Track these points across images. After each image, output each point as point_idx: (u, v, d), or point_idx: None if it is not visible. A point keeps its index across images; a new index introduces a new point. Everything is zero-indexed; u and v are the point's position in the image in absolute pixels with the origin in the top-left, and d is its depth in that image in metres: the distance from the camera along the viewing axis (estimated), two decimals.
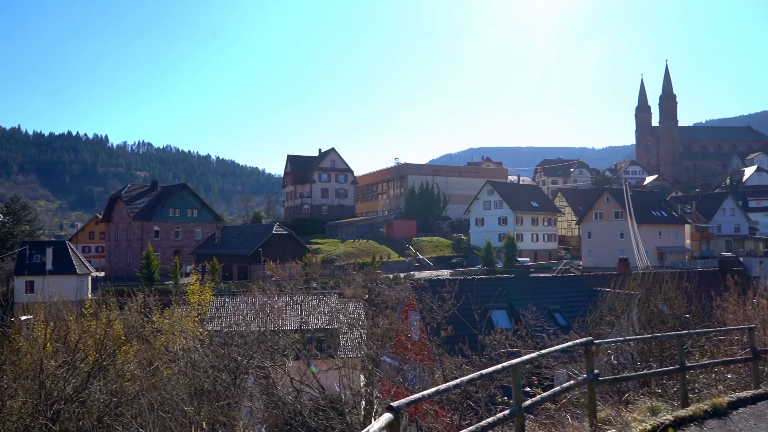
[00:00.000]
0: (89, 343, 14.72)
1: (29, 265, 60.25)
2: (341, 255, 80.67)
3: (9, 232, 78.24)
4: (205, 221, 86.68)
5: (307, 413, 15.88)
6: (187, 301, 20.47)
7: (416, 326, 24.80)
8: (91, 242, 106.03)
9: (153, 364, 16.58)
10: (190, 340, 17.06)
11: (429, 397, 6.24)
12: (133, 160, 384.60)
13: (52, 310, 17.96)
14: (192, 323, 18.55)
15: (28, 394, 12.49)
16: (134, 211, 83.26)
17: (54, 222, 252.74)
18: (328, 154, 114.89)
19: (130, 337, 16.12)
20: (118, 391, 14.01)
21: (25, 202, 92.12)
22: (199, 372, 15.17)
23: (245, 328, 18.57)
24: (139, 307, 18.00)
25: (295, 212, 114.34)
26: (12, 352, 15.18)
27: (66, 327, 15.93)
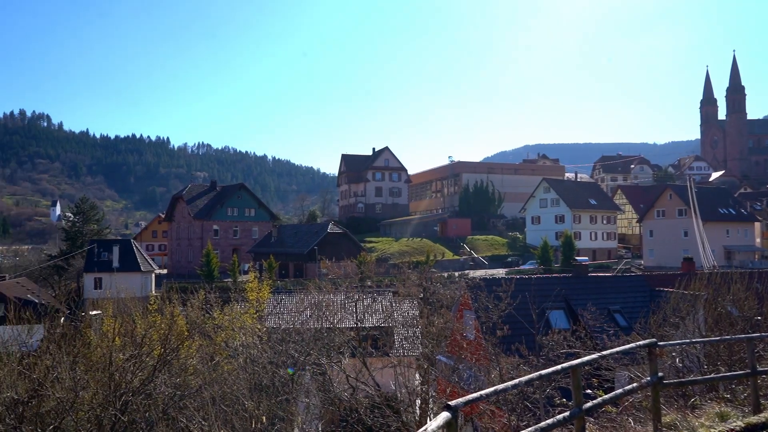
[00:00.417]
0: (154, 337, 15.27)
1: (97, 262, 62.98)
2: (395, 253, 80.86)
3: (79, 231, 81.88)
4: (262, 220, 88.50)
5: (363, 410, 16.01)
6: (246, 298, 20.96)
7: (471, 325, 24.63)
8: (154, 241, 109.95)
9: (214, 359, 17.07)
10: (249, 337, 17.47)
11: (487, 397, 6.19)
12: (193, 161, 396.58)
13: (120, 306, 18.72)
14: (251, 320, 18.99)
15: (98, 386, 13.06)
16: (194, 210, 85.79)
17: (120, 221, 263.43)
18: (381, 153, 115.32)
19: (193, 332, 16.64)
20: (181, 385, 14.49)
21: (93, 203, 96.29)
22: (258, 367, 15.52)
23: (302, 326, 18.89)
24: (200, 304, 18.57)
25: (350, 211, 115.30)
26: (84, 345, 15.91)
27: (133, 322, 16.59)
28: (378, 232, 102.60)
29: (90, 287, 61.46)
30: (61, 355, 13.21)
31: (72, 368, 13.81)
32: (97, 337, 18.19)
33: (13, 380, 12.71)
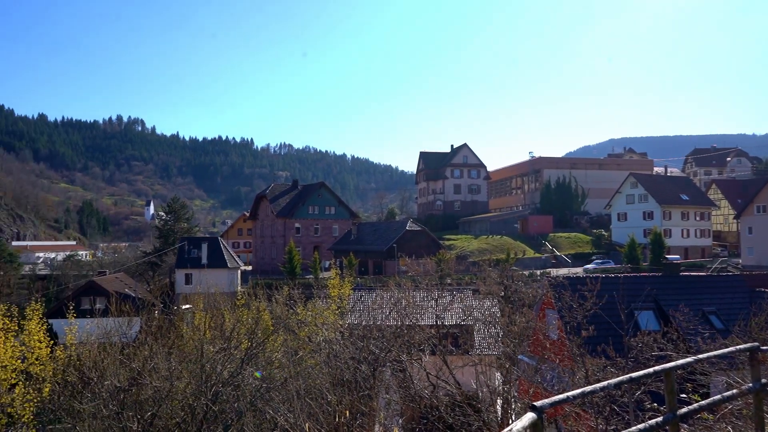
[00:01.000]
0: (242, 331, 15.89)
1: (187, 259, 66.10)
2: (475, 251, 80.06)
3: (170, 229, 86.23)
4: (341, 218, 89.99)
5: (444, 408, 15.97)
6: (328, 294, 21.38)
7: (554, 325, 24.02)
8: (239, 238, 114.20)
9: (298, 353, 17.53)
10: (332, 332, 17.80)
11: (573, 398, 6.02)
12: (275, 160, 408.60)
13: (210, 301, 19.58)
14: (333, 316, 19.35)
15: (191, 376, 13.72)
16: (277, 209, 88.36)
17: (208, 220, 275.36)
18: (460, 150, 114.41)
19: (277, 327, 17.17)
20: (267, 377, 14.99)
21: (183, 202, 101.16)
22: (340, 363, 15.79)
23: (382, 322, 19.05)
24: (284, 300, 19.12)
25: (428, 208, 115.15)
26: (177, 337, 16.76)
27: (222, 316, 17.31)
28: (457, 229, 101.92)
29: (181, 282, 64.61)
30: (157, 347, 14.00)
31: (167, 359, 14.61)
32: (189, 330, 19.12)
33: (116, 369, 13.58)
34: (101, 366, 14.17)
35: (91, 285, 60.25)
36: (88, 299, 56.28)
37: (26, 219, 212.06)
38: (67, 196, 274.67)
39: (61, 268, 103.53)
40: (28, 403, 12.92)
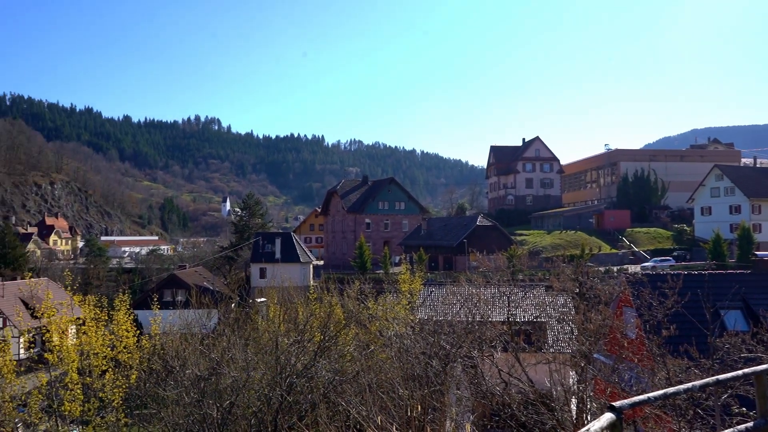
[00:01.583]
0: (315, 325, 16.20)
1: (262, 253, 68.02)
2: (548, 246, 78.29)
3: (246, 225, 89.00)
4: (411, 213, 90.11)
5: (516, 406, 15.72)
6: (399, 289, 21.47)
7: (633, 323, 23.16)
8: (311, 233, 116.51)
9: (369, 347, 17.72)
10: (402, 327, 17.88)
11: (654, 400, 5.80)
12: (345, 157, 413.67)
13: (284, 294, 20.08)
14: (403, 311, 19.43)
15: (267, 367, 14.14)
16: (348, 204, 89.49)
17: (281, 215, 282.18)
18: (532, 143, 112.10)
19: (349, 321, 17.41)
20: (339, 370, 15.23)
21: (257, 198, 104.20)
22: (411, 357, 15.84)
23: (453, 318, 18.96)
24: (355, 294, 19.36)
25: (499, 203, 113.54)
26: (253, 329, 17.30)
27: (295, 310, 17.71)
28: (529, 224, 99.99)
29: (256, 276, 66.58)
30: (235, 338, 14.51)
31: (244, 350, 15.12)
32: (264, 322, 19.69)
33: (196, 358, 14.17)
34: (183, 355, 14.84)
35: (172, 278, 63.18)
36: (170, 291, 59.10)
37: (113, 215, 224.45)
38: (149, 193, 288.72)
39: (144, 261, 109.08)
40: (117, 389, 13.70)
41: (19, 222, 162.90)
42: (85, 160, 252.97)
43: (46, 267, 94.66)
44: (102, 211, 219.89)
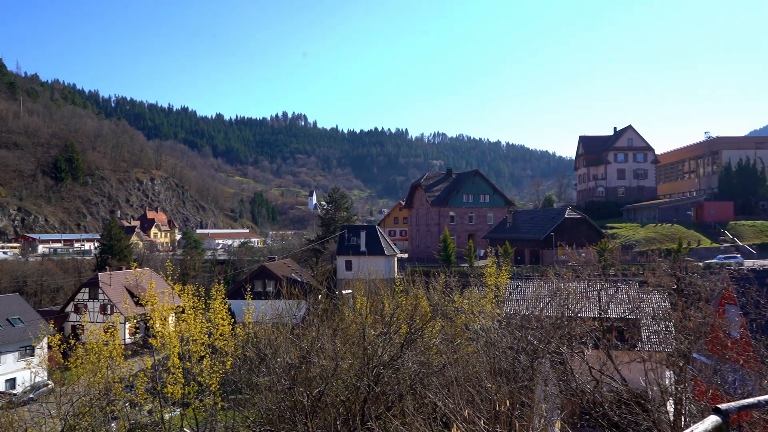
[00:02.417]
0: (401, 317, 16.33)
1: (347, 246, 69.16)
2: (641, 240, 74.87)
3: (332, 218, 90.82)
4: (496, 206, 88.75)
5: (608, 405, 15.19)
6: (485, 283, 21.24)
7: (737, 322, 21.77)
8: (395, 226, 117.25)
9: (455, 340, 17.66)
10: (488, 321, 17.70)
11: (766, 404, 5.43)
12: (429, 150, 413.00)
13: (370, 286, 20.35)
14: (490, 304, 19.21)
15: (354, 358, 14.41)
16: (432, 197, 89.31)
17: (365, 208, 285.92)
18: (624, 132, 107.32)
19: (435, 314, 17.42)
20: (425, 362, 15.28)
21: (343, 192, 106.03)
22: (498, 352, 15.65)
23: (541, 313, 18.54)
24: (441, 287, 19.34)
25: (589, 195, 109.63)
26: (341, 320, 17.67)
27: (381, 302, 17.92)
28: (620, 217, 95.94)
29: (342, 268, 67.83)
30: (323, 328, 14.87)
31: (332, 340, 15.48)
32: (350, 314, 20.07)
33: (287, 347, 14.66)
34: (275, 344, 15.39)
35: (262, 269, 65.56)
36: (261, 282, 61.38)
37: (207, 209, 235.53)
38: (240, 188, 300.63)
39: (236, 253, 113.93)
40: (214, 374, 14.39)
41: (123, 216, 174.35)
42: (182, 156, 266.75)
43: (148, 258, 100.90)
44: (197, 205, 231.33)
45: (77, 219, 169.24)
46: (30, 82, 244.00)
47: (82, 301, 66.24)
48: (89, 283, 67.62)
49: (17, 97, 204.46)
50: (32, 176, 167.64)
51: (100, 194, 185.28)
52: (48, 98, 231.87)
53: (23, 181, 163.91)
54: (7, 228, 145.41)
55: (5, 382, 50.45)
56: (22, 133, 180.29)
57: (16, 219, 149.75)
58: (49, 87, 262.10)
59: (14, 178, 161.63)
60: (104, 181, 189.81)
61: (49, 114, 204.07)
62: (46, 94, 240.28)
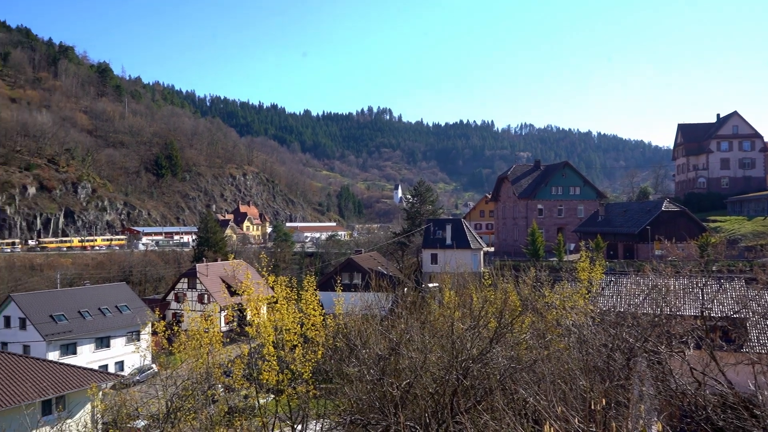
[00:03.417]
0: (489, 311, 16.15)
1: (433, 239, 69.16)
2: (748, 234, 70.06)
3: (417, 211, 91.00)
4: (587, 198, 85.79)
5: (711, 408, 14.36)
6: (577, 277, 20.62)
7: None
8: (481, 220, 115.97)
9: (545, 336, 17.26)
10: (581, 317, 17.18)
11: None
12: (516, 141, 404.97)
13: (458, 280, 20.26)
14: (582, 300, 18.64)
15: (443, 351, 14.42)
16: (519, 190, 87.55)
17: (450, 202, 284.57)
18: (728, 119, 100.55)
19: (525, 309, 17.11)
20: (515, 358, 15.05)
21: (428, 185, 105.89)
22: (592, 349, 15.16)
23: (637, 310, 17.78)
24: (531, 281, 18.96)
25: (688, 186, 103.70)
26: (429, 313, 17.71)
27: (470, 296, 17.79)
28: (724, 209, 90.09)
29: (428, 262, 67.93)
30: (412, 321, 14.95)
31: (420, 333, 15.56)
32: (437, 307, 20.07)
33: (376, 339, 14.87)
34: (364, 335, 15.67)
35: (349, 262, 66.79)
36: (348, 274, 62.56)
37: (296, 203, 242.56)
38: (328, 182, 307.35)
39: (324, 246, 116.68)
40: (307, 363, 14.83)
41: (218, 210, 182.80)
42: (272, 152, 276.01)
43: (240, 250, 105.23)
44: (287, 199, 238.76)
45: (176, 213, 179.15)
46: (134, 84, 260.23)
47: (181, 291, 70.16)
48: (188, 274, 71.50)
49: (122, 98, 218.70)
50: (136, 173, 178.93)
51: (197, 189, 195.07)
52: (150, 99, 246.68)
53: (128, 177, 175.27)
54: (114, 221, 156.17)
55: (115, 365, 54.30)
56: (127, 132, 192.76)
57: (122, 213, 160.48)
58: (150, 88, 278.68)
59: (120, 175, 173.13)
60: (200, 176, 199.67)
61: (150, 114, 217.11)
62: (148, 95, 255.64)
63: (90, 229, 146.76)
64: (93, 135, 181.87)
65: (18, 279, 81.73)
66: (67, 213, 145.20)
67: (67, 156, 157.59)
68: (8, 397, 28.43)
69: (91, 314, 54.87)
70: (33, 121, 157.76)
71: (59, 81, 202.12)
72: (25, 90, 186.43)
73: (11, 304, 52.39)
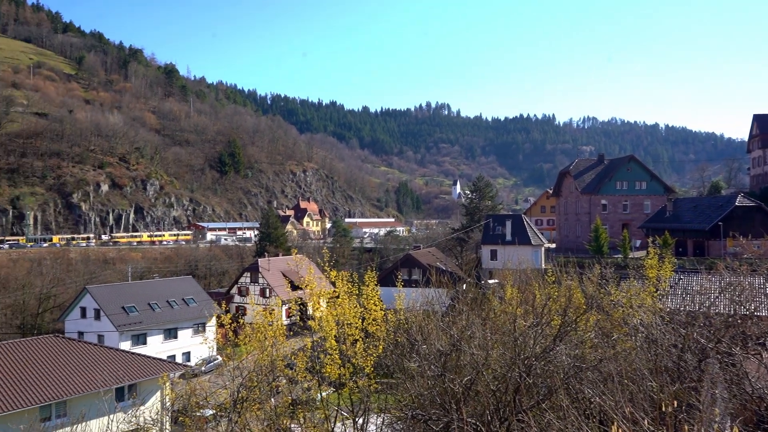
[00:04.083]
0: (553, 308, 15.85)
1: (492, 235, 68.42)
2: None
3: (476, 207, 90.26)
4: (654, 193, 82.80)
5: None
6: (644, 275, 19.96)
7: None
8: (542, 216, 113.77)
9: (611, 335, 16.80)
10: (649, 316, 16.62)
11: None
12: (578, 135, 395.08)
13: (521, 276, 19.98)
14: (650, 298, 18.04)
15: (504, 348, 14.26)
16: (581, 185, 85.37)
17: (510, 197, 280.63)
18: None
19: (590, 306, 16.70)
20: (580, 357, 14.71)
21: (487, 180, 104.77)
22: (661, 349, 14.65)
23: (710, 309, 17.06)
24: (596, 279, 18.49)
25: (764, 181, 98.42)
26: (490, 310, 17.53)
27: (532, 292, 17.51)
28: None
29: (487, 258, 67.27)
30: (473, 317, 14.85)
31: (482, 329, 15.43)
32: (498, 303, 19.85)
33: (437, 334, 14.86)
34: (425, 330, 15.68)
35: (408, 258, 66.89)
36: (406, 270, 62.67)
37: (355, 199, 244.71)
38: (386, 178, 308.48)
39: (382, 242, 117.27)
40: (368, 357, 14.98)
41: (279, 206, 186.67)
42: (331, 149, 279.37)
43: (301, 245, 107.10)
44: (345, 195, 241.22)
45: (239, 209, 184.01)
46: (198, 84, 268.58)
47: (244, 285, 72.07)
48: (250, 268, 73.37)
49: (188, 98, 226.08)
50: (201, 170, 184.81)
51: (259, 186, 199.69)
52: (213, 98, 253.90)
53: (194, 174, 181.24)
54: (181, 217, 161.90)
55: (182, 355, 56.37)
56: (192, 131, 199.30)
57: (188, 209, 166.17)
58: (214, 88, 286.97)
59: (186, 173, 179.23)
60: (262, 173, 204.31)
61: (214, 113, 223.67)
62: (212, 94, 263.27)
63: (158, 224, 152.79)
64: (160, 134, 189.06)
65: (92, 272, 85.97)
66: (137, 209, 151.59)
67: (136, 154, 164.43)
68: (88, 383, 30.04)
69: (159, 306, 57.13)
70: (105, 122, 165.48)
71: (129, 83, 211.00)
72: (98, 92, 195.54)
73: (87, 295, 55.17)
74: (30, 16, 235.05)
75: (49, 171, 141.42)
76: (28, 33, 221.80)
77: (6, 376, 29.10)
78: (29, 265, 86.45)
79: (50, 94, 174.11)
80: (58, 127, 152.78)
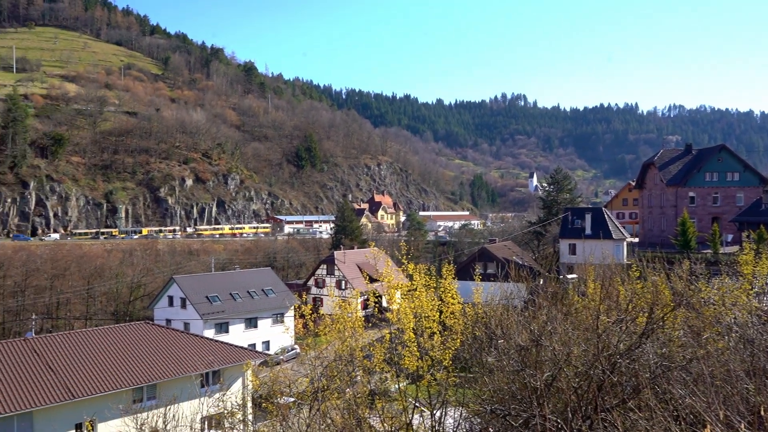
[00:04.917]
0: (638, 305, 15.28)
1: (571, 229, 66.54)
2: None
3: (554, 200, 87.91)
4: (748, 185, 77.91)
5: None
6: (738, 271, 18.87)
7: None
8: (624, 209, 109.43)
9: (701, 334, 16.01)
10: (744, 314, 15.72)
11: None
12: (663, 124, 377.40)
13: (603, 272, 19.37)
14: (745, 296, 17.05)
15: (587, 344, 13.88)
16: (667, 176, 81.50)
17: (590, 190, 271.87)
18: None
19: (678, 304, 15.97)
20: (667, 355, 14.11)
21: (565, 173, 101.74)
22: (758, 350, 13.84)
23: None
24: (685, 275, 17.66)
25: None
26: (570, 305, 17.11)
27: (616, 288, 16.94)
28: None
29: (565, 252, 65.52)
30: (554, 312, 14.53)
31: (563, 325, 15.09)
32: (579, 298, 19.32)
33: (517, 329, 14.66)
34: (504, 325, 15.50)
35: (483, 251, 66.17)
36: (482, 264, 62.02)
37: (429, 192, 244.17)
38: (460, 170, 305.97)
39: (457, 235, 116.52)
40: (447, 350, 14.98)
41: (354, 199, 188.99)
42: (405, 142, 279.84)
43: (375, 238, 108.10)
44: (419, 189, 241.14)
45: (315, 202, 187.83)
46: (275, 81, 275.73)
47: (320, 276, 73.58)
48: (326, 260, 74.80)
49: (266, 95, 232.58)
50: (279, 165, 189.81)
51: (334, 179, 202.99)
52: (290, 94, 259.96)
53: (272, 169, 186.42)
54: (260, 210, 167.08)
55: (262, 344, 58.29)
56: (270, 126, 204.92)
57: (267, 202, 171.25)
58: (291, 84, 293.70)
59: (265, 167, 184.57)
60: (337, 167, 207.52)
61: (291, 108, 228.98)
62: (289, 90, 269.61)
63: (238, 217, 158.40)
64: (240, 130, 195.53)
65: (178, 263, 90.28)
66: (219, 203, 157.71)
67: (218, 150, 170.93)
68: (177, 368, 31.67)
69: (240, 296, 59.27)
70: (189, 119, 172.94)
71: (211, 81, 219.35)
72: (183, 90, 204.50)
73: (174, 285, 57.99)
74: (121, 20, 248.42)
75: (139, 167, 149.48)
76: (119, 36, 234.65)
77: (103, 360, 31.14)
78: (121, 256, 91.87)
79: (139, 94, 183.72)
80: (147, 125, 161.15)
